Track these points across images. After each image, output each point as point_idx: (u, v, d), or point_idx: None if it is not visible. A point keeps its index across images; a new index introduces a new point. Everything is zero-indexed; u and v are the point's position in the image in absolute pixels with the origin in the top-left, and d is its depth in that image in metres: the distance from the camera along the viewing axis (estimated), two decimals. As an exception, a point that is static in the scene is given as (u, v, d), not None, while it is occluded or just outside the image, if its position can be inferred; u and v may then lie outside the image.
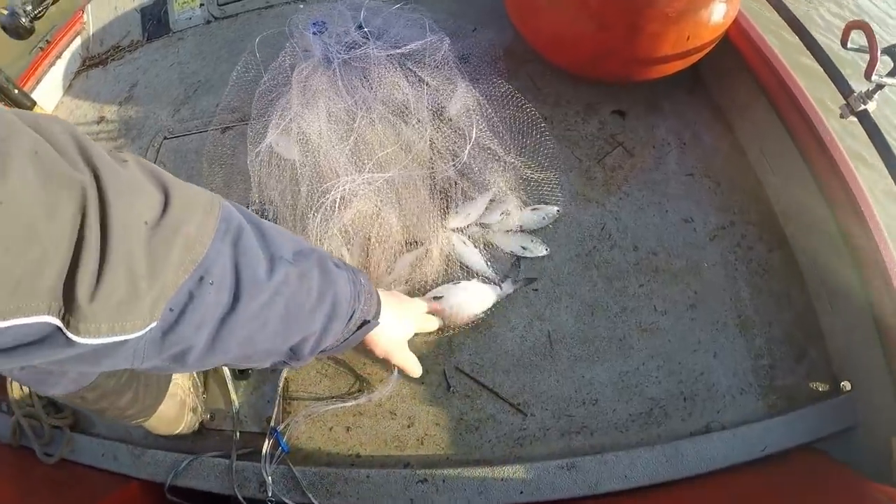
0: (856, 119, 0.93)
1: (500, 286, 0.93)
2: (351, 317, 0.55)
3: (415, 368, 0.81)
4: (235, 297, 0.41)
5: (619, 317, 0.94)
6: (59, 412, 0.97)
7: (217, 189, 1.15)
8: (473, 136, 0.95)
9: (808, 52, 1.00)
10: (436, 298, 0.90)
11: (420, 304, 0.82)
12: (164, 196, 0.37)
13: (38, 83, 1.54)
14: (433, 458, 0.86)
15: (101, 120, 1.47)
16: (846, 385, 0.89)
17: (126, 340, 0.35)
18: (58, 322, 0.31)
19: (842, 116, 0.94)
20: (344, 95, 1.05)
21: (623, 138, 1.08)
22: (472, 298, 0.91)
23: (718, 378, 0.91)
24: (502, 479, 0.82)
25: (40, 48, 1.57)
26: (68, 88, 1.60)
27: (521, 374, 0.89)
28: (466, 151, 0.94)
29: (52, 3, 1.54)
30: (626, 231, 0.99)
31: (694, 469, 0.84)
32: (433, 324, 0.82)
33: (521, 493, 0.82)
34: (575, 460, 0.83)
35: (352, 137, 1.01)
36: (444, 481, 0.82)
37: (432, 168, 0.99)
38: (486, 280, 0.94)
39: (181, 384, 0.88)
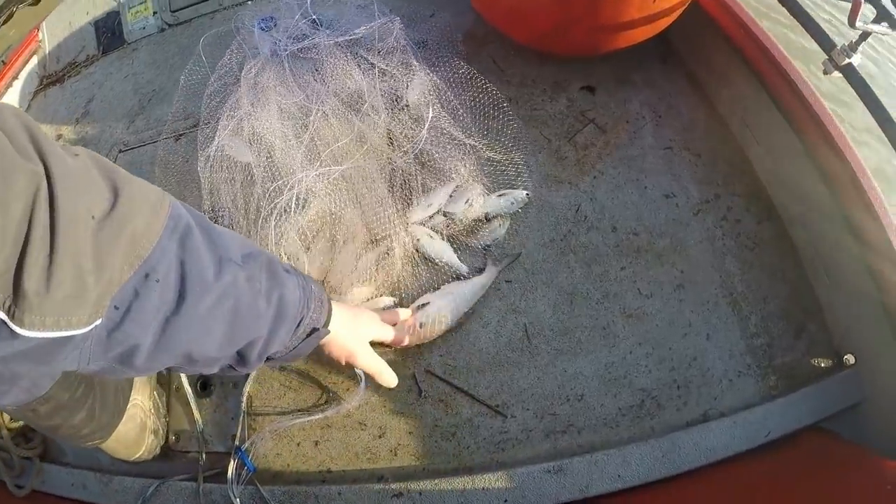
0: (840, 74, 0.87)
1: (482, 272, 0.87)
2: (299, 323, 0.53)
3: (387, 376, 0.76)
4: (181, 297, 0.40)
5: (601, 304, 0.87)
6: (28, 442, 0.93)
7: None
8: (430, 115, 0.88)
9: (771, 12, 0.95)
10: (421, 306, 0.84)
11: (373, 313, 0.77)
12: (113, 191, 0.38)
13: (-7, 107, 1.49)
14: (408, 470, 0.79)
15: (59, 138, 1.42)
16: (850, 358, 0.83)
17: (71, 337, 0.35)
18: (1, 314, 0.32)
19: (825, 73, 0.87)
20: (295, 90, 0.99)
21: (594, 115, 1.01)
22: (460, 298, 0.85)
23: (713, 362, 0.85)
24: (484, 489, 0.76)
25: (-5, 70, 1.53)
26: (27, 110, 1.55)
27: (497, 373, 0.83)
28: (424, 133, 0.88)
29: (4, 24, 1.50)
30: (602, 211, 0.93)
31: (693, 462, 0.78)
32: (388, 333, 0.77)
33: (506, 501, 0.75)
34: (562, 462, 0.77)
35: (307, 133, 0.95)
36: (420, 494, 0.76)
37: (391, 159, 0.93)
38: (461, 275, 0.88)
39: (141, 405, 0.84)
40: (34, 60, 1.57)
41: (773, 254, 0.91)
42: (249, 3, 1.16)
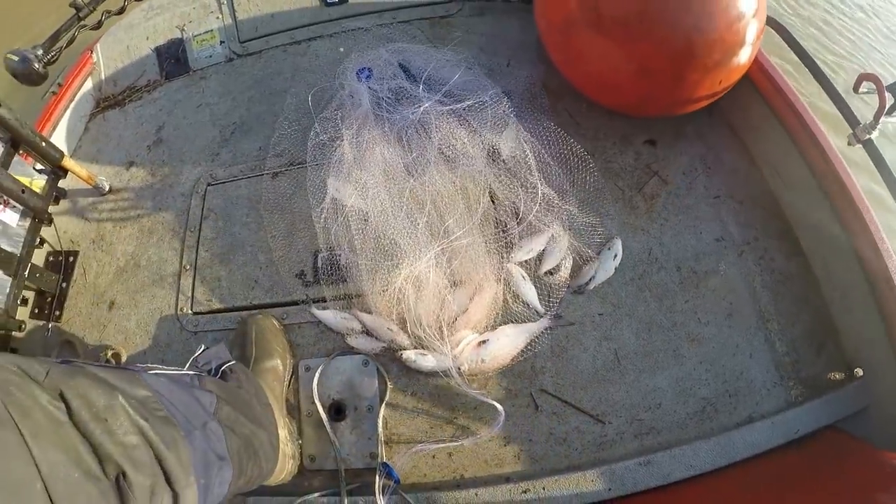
0: (860, 146, 1.08)
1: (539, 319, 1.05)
2: None
3: None
4: None
5: (671, 331, 1.08)
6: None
7: (281, 236, 1.20)
8: (541, 192, 1.05)
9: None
10: (481, 343, 1.02)
11: None
12: None
13: (54, 129, 1.51)
14: (530, 471, 0.98)
15: (132, 165, 1.46)
16: (859, 371, 1.07)
17: None
18: None
19: (849, 144, 1.09)
20: (397, 147, 1.11)
21: (657, 167, 1.20)
22: (514, 342, 1.03)
23: (755, 375, 1.08)
24: (592, 481, 0.96)
25: (52, 92, 1.53)
26: (85, 132, 1.57)
27: (596, 389, 1.03)
28: (534, 211, 1.04)
29: (67, 46, 1.49)
30: (669, 254, 1.13)
31: (743, 454, 1.01)
32: None
33: (610, 489, 0.96)
34: (650, 457, 0.98)
35: (406, 190, 1.08)
36: (544, 489, 0.95)
37: (496, 215, 1.08)
38: (521, 320, 1.06)
39: (280, 436, 0.94)
40: (89, 82, 1.58)
41: (799, 286, 1.14)
42: (341, 49, 1.24)
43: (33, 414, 0.49)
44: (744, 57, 1.09)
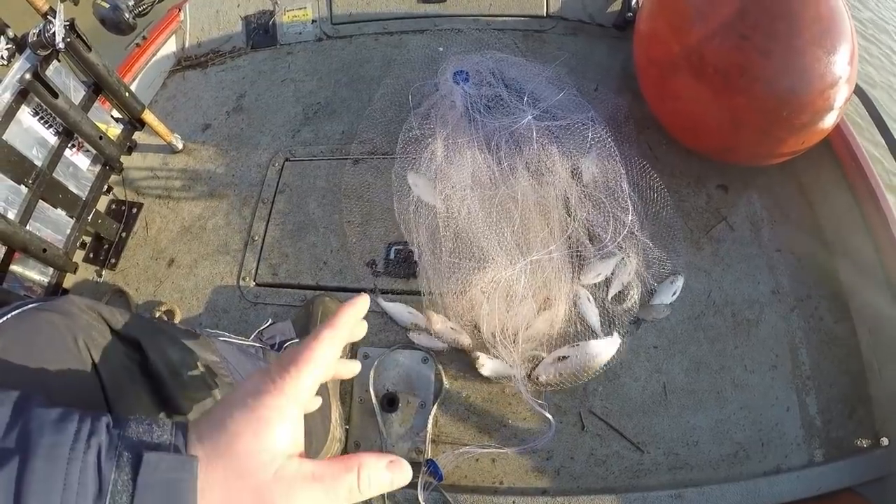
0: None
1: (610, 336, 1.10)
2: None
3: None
4: None
5: (718, 373, 1.12)
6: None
7: (357, 223, 1.23)
8: (629, 220, 1.08)
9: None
10: (561, 358, 1.06)
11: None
12: None
13: (133, 80, 1.53)
14: (567, 487, 1.03)
15: (208, 127, 1.49)
16: (885, 441, 1.12)
17: None
18: None
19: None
20: (487, 156, 1.14)
21: (726, 213, 1.24)
22: (594, 356, 1.07)
23: (788, 428, 1.12)
24: (624, 506, 1.01)
25: (136, 44, 1.55)
26: (162, 88, 1.60)
27: (641, 418, 1.07)
28: (619, 238, 1.08)
29: (160, 1, 1.51)
30: (726, 299, 1.17)
31: (767, 502, 1.05)
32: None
33: (640, 516, 1.01)
34: (681, 491, 1.02)
35: (496, 198, 1.12)
36: (578, 506, 1.00)
37: (568, 233, 1.12)
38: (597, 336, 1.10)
39: (331, 420, 0.97)
40: (173, 40, 1.60)
41: (842, 348, 1.18)
42: (440, 49, 1.26)
43: (112, 361, 0.50)
44: (829, 121, 1.12)
